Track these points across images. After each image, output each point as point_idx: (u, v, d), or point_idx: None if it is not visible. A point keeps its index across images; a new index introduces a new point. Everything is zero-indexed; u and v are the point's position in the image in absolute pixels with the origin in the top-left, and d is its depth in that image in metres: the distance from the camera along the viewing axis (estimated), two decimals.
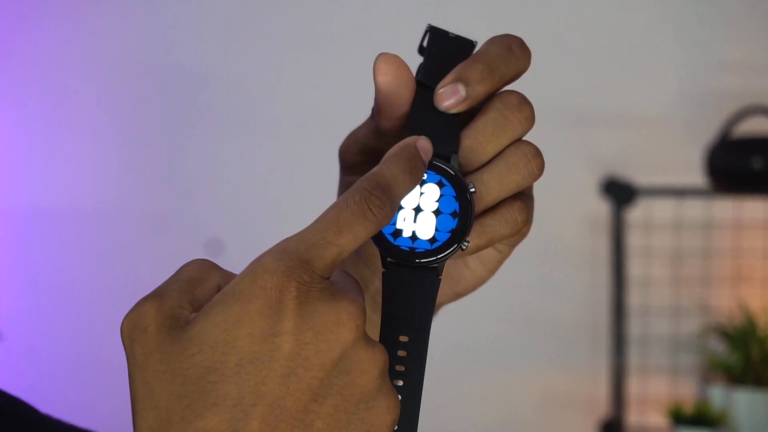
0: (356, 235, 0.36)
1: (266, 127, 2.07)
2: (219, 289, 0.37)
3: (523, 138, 0.45)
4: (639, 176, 1.89)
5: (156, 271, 2.34)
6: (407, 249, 0.42)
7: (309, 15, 2.08)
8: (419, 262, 0.42)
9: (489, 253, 0.48)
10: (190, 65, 2.09)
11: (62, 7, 2.10)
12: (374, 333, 0.53)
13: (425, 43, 0.45)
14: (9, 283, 2.09)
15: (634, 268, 1.92)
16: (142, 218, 2.07)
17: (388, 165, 0.39)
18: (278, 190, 2.07)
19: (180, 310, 0.36)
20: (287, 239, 0.36)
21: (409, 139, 0.40)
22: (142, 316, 0.35)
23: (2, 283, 2.09)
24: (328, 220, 0.36)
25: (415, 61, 0.46)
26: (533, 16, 2.01)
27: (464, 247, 0.42)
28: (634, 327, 1.91)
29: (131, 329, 0.36)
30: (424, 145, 0.40)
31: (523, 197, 0.45)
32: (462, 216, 0.42)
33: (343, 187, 0.49)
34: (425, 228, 0.42)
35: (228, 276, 0.38)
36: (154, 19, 2.10)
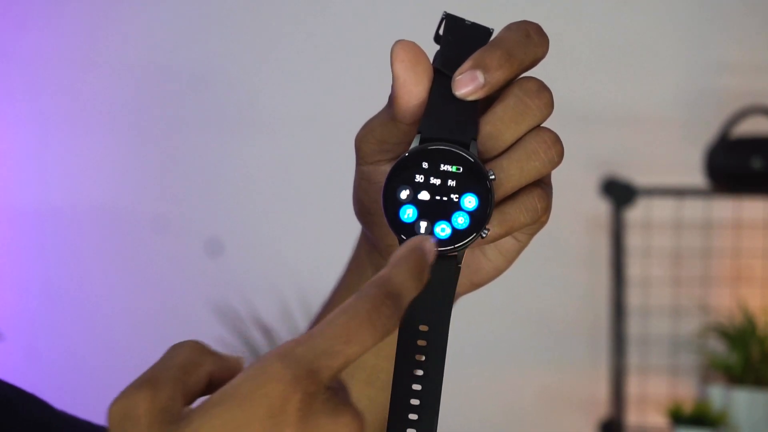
0: (364, 345, 0.35)
1: (266, 127, 2.07)
2: (211, 377, 0.36)
3: (542, 125, 0.44)
4: (639, 176, 1.89)
5: (156, 271, 2.35)
6: None
7: (309, 14, 2.08)
8: (439, 251, 0.42)
9: (507, 242, 0.48)
10: (189, 65, 2.09)
11: (62, 7, 2.10)
12: None
13: (441, 31, 0.44)
14: (9, 283, 2.09)
15: (634, 268, 1.92)
16: (142, 218, 2.07)
17: (399, 271, 0.37)
18: (278, 189, 2.07)
19: (173, 402, 0.34)
20: (295, 342, 0.35)
21: (416, 241, 0.38)
22: (134, 405, 0.34)
23: (2, 283, 2.09)
24: (339, 327, 0.35)
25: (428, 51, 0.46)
26: (533, 16, 2.01)
27: (484, 235, 0.42)
28: (634, 327, 1.91)
29: (121, 418, 0.34)
30: (430, 248, 0.39)
31: (543, 185, 0.45)
32: (482, 203, 0.42)
33: (361, 177, 0.48)
34: (445, 217, 0.42)
35: (221, 362, 0.36)
36: (154, 19, 2.10)
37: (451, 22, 0.44)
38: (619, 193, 1.85)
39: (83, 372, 2.04)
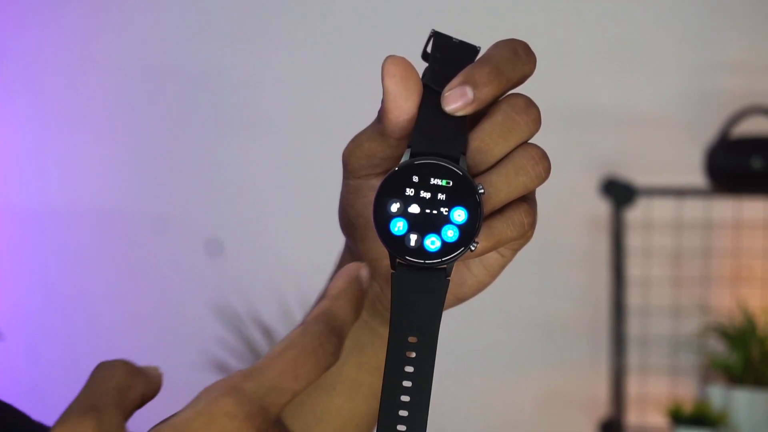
0: (309, 380, 0.36)
1: (266, 127, 2.07)
2: (143, 397, 0.36)
3: (530, 141, 0.45)
4: (639, 176, 1.89)
5: (156, 271, 2.34)
6: (417, 250, 0.42)
7: (309, 15, 2.08)
8: (429, 263, 0.42)
9: (492, 257, 0.48)
10: (190, 65, 2.09)
11: (62, 7, 2.10)
12: (371, 336, 0.53)
13: (429, 49, 0.45)
14: (9, 283, 2.09)
15: (634, 268, 1.92)
16: (142, 218, 2.07)
17: (340, 304, 0.38)
18: (278, 190, 2.07)
19: (118, 429, 0.34)
20: (244, 376, 0.35)
21: (352, 271, 0.40)
22: None
23: (2, 283, 2.09)
24: (287, 363, 0.36)
25: (418, 65, 0.46)
26: (533, 16, 2.01)
27: (473, 248, 0.42)
28: (634, 327, 1.91)
29: None
30: (366, 275, 0.40)
31: (529, 200, 0.46)
32: (471, 217, 0.42)
33: (348, 191, 0.49)
34: (434, 230, 0.42)
35: (149, 380, 0.36)
36: (154, 19, 2.10)
37: (439, 39, 0.45)
38: (619, 193, 1.85)
39: (83, 372, 2.04)
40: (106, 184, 2.10)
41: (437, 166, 0.42)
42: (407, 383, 0.42)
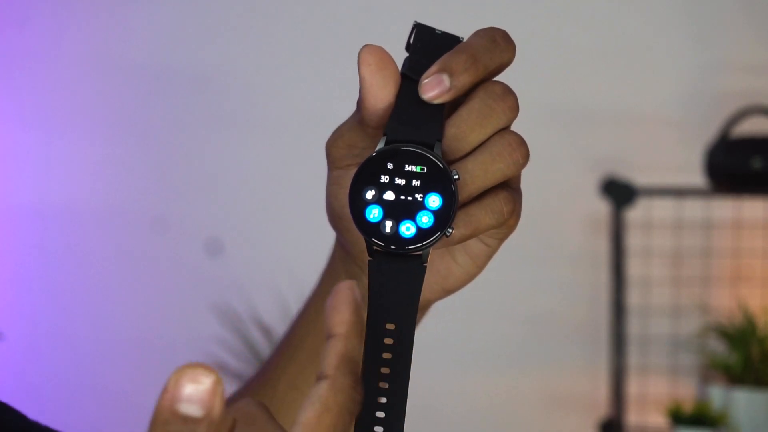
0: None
1: (266, 127, 2.07)
2: None
3: (510, 128, 0.45)
4: (639, 176, 1.89)
5: (156, 271, 2.34)
6: (392, 237, 0.42)
7: (309, 15, 2.08)
8: (405, 249, 0.43)
9: (477, 247, 0.48)
10: (190, 65, 2.09)
11: (63, 6, 2.10)
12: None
13: (411, 40, 0.45)
14: (9, 283, 2.09)
15: (634, 268, 1.91)
16: (141, 218, 2.07)
17: (354, 343, 0.35)
18: (278, 190, 2.07)
19: None
20: None
21: (349, 295, 0.35)
22: None
23: (2, 283, 2.09)
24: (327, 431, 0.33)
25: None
26: (533, 16, 2.01)
27: (448, 234, 0.43)
28: (634, 327, 1.91)
29: None
30: (359, 294, 0.36)
31: (510, 189, 0.45)
32: (446, 203, 0.42)
33: (331, 182, 0.49)
34: (409, 216, 0.43)
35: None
36: (155, 19, 2.10)
37: (421, 31, 0.45)
38: (619, 193, 1.85)
39: (83, 372, 2.04)
40: (107, 183, 2.10)
41: (411, 152, 0.43)
42: (385, 370, 0.42)
